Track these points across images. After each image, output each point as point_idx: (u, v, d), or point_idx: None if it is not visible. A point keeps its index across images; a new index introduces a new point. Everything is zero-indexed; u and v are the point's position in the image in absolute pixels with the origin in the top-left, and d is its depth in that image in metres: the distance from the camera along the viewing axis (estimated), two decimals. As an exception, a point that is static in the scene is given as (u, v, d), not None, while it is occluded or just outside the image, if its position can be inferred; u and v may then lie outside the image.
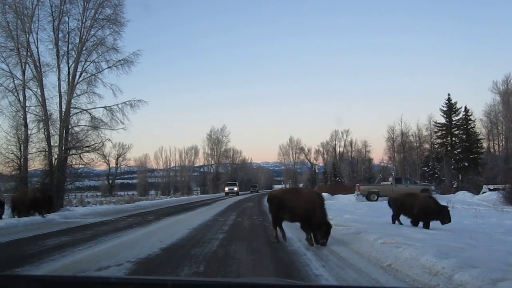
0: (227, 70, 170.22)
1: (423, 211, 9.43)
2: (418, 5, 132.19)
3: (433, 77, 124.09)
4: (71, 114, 20.03)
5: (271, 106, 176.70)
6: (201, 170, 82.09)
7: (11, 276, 2.83)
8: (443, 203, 9.81)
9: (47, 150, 19.23)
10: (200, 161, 79.01)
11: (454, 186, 35.82)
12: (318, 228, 7.24)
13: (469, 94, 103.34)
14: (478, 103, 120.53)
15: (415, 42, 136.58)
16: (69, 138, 20.08)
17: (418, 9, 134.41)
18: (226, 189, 51.70)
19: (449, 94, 44.24)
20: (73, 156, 20.61)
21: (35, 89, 19.20)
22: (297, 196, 7.86)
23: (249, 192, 65.99)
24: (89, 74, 20.73)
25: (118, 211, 14.18)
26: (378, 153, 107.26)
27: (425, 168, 44.15)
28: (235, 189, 50.90)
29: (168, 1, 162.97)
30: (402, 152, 52.97)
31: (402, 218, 10.31)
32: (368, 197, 25.93)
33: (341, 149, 71.61)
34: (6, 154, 18.73)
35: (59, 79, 19.68)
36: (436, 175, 41.73)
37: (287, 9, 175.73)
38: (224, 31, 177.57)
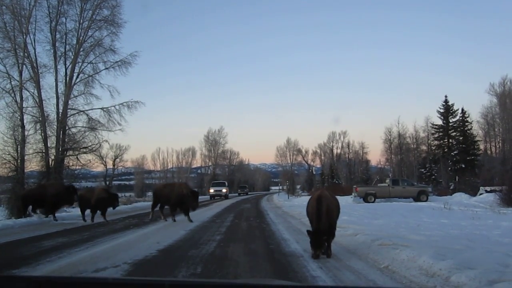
0: (225, 71, 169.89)
1: None
2: (416, 6, 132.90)
3: (430, 79, 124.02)
4: (68, 115, 19.98)
5: (268, 107, 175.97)
6: (199, 171, 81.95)
7: (8, 277, 2.82)
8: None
9: (44, 151, 19.14)
10: (197, 162, 78.76)
11: (451, 187, 35.91)
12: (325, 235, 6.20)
13: (466, 96, 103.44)
14: (475, 105, 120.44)
15: (413, 43, 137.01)
16: (66, 139, 20.01)
17: (416, 10, 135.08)
18: (211, 190, 40.30)
19: (446, 96, 44.41)
20: (70, 157, 20.53)
21: (32, 90, 19.10)
22: (312, 199, 6.91)
23: (237, 194, 54.58)
24: (86, 75, 20.68)
25: (115, 213, 14.18)
26: (375, 155, 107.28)
27: (422, 170, 44.25)
28: (223, 190, 39.94)
29: (165, 1, 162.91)
30: (399, 154, 53.14)
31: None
32: (365, 198, 25.99)
33: (339, 151, 71.61)
34: (3, 155, 18.60)
35: (56, 80, 19.63)
36: (433, 176, 41.82)
37: (283, 7, 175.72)
38: (223, 32, 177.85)
